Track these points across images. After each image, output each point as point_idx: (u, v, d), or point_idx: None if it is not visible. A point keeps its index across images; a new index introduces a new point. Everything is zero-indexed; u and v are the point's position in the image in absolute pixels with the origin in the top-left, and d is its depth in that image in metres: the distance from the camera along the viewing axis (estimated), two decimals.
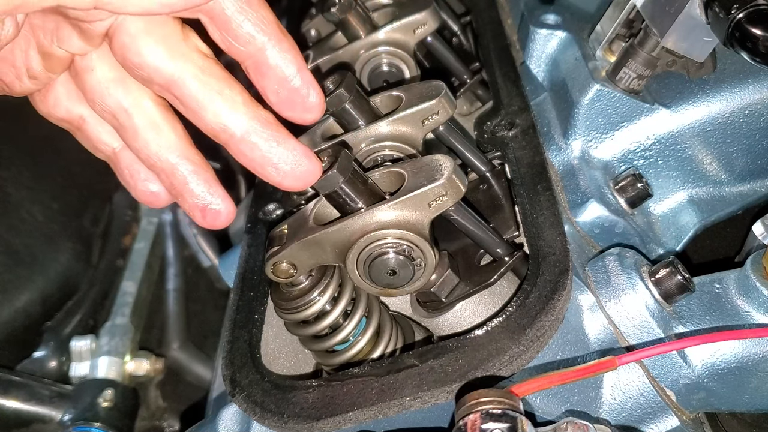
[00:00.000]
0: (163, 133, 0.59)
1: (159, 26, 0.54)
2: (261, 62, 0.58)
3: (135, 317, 1.39)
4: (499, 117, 0.86)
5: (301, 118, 0.60)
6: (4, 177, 1.32)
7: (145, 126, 0.59)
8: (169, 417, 1.37)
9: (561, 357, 0.68)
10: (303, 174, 0.59)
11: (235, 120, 0.56)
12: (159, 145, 0.59)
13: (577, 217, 0.82)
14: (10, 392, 1.18)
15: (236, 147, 0.57)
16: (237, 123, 0.56)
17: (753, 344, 0.67)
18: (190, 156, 0.60)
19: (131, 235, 1.54)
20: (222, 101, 0.56)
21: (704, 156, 0.88)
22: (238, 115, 0.56)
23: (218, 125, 0.56)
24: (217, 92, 0.55)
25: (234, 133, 0.57)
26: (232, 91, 0.56)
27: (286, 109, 0.60)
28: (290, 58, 0.58)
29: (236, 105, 0.56)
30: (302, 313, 0.69)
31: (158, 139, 0.59)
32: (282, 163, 0.58)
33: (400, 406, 0.61)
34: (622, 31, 0.89)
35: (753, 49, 0.68)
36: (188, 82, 0.55)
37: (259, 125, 0.57)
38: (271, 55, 0.57)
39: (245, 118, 0.56)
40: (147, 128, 0.59)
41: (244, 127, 0.56)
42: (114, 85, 0.58)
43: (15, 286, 1.27)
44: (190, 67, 0.54)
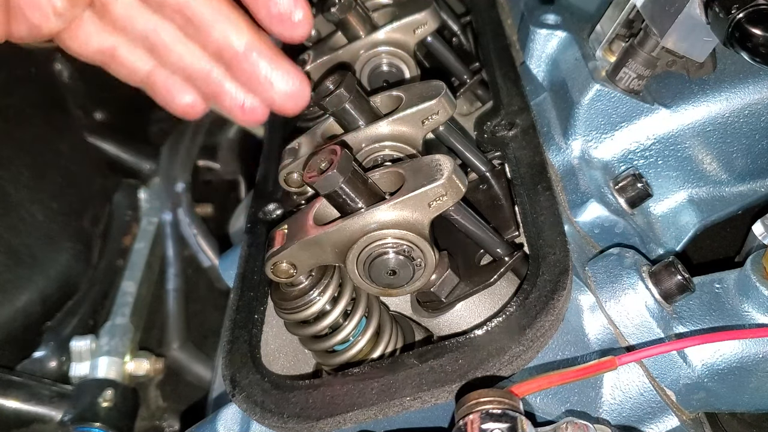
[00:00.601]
0: (190, 43, 0.66)
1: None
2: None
3: (135, 317, 1.39)
4: (499, 117, 0.86)
5: (291, 35, 0.66)
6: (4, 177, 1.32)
7: (173, 40, 0.66)
8: (169, 417, 1.37)
9: (561, 357, 0.68)
10: (294, 95, 0.66)
11: (239, 38, 0.63)
12: (192, 55, 0.66)
13: (577, 217, 0.82)
14: (10, 392, 1.18)
15: (238, 65, 0.64)
16: (241, 41, 0.63)
17: (753, 344, 0.67)
18: (221, 61, 0.67)
19: (131, 235, 1.54)
20: (228, 22, 0.63)
21: (704, 156, 0.88)
22: (242, 34, 0.63)
23: (224, 42, 0.63)
24: (224, 15, 0.62)
25: (237, 50, 0.63)
26: (237, 15, 0.63)
27: (275, 27, 0.66)
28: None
29: (240, 26, 0.63)
30: (302, 313, 0.69)
31: (188, 50, 0.66)
32: (276, 82, 0.65)
33: (400, 406, 0.61)
34: (622, 31, 0.89)
35: (753, 49, 0.68)
36: (199, 5, 0.61)
37: (259, 44, 0.64)
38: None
39: (248, 37, 0.63)
40: (176, 42, 0.66)
41: (247, 44, 0.63)
42: (137, 10, 0.64)
43: (15, 286, 1.27)
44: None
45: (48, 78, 1.56)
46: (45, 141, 1.45)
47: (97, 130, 1.63)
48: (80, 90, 1.61)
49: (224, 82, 0.68)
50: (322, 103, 0.74)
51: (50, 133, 1.48)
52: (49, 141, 1.47)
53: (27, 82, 1.48)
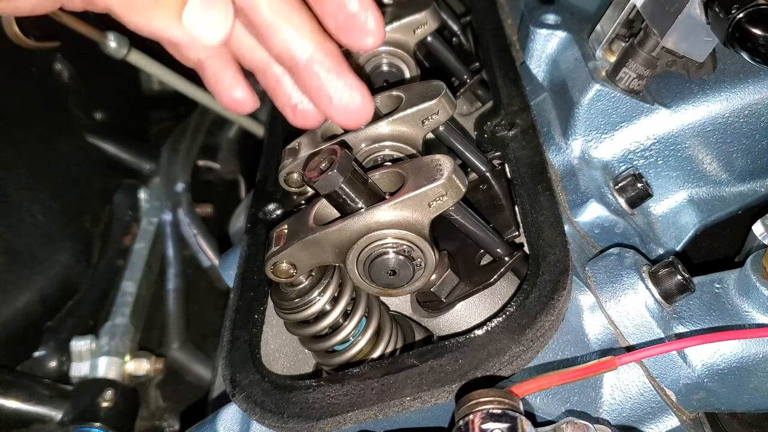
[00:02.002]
0: (249, 39, 0.62)
1: None
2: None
3: (135, 317, 1.39)
4: (499, 117, 0.86)
5: (360, 44, 0.61)
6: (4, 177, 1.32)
7: (237, 29, 0.61)
8: (169, 417, 1.38)
9: (561, 357, 0.68)
10: (355, 111, 0.61)
11: (300, 47, 0.58)
12: (252, 46, 0.62)
13: (577, 217, 0.82)
14: (10, 392, 1.18)
15: (298, 73, 0.59)
16: (302, 50, 0.58)
17: (753, 344, 0.67)
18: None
19: (131, 235, 1.54)
20: (290, 28, 0.57)
21: (704, 156, 0.88)
22: (304, 43, 0.58)
23: (285, 50, 0.58)
24: (287, 19, 0.57)
25: (299, 60, 0.58)
26: (301, 19, 0.57)
27: (344, 35, 0.62)
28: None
29: (303, 32, 0.58)
30: (302, 313, 0.69)
31: (250, 40, 0.62)
32: (337, 97, 0.60)
33: (400, 406, 0.61)
34: (622, 31, 0.89)
35: (753, 49, 0.68)
36: (260, 7, 0.56)
37: (323, 55, 0.58)
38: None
39: (310, 46, 0.58)
40: (239, 30, 0.61)
41: (308, 54, 0.58)
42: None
43: (15, 286, 1.27)
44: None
45: (48, 78, 1.56)
46: (45, 141, 1.45)
47: (97, 130, 1.63)
48: (80, 90, 1.61)
49: (282, 78, 0.64)
50: None
51: (50, 133, 1.48)
52: (49, 141, 1.47)
53: (27, 82, 1.48)
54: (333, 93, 0.59)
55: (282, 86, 0.64)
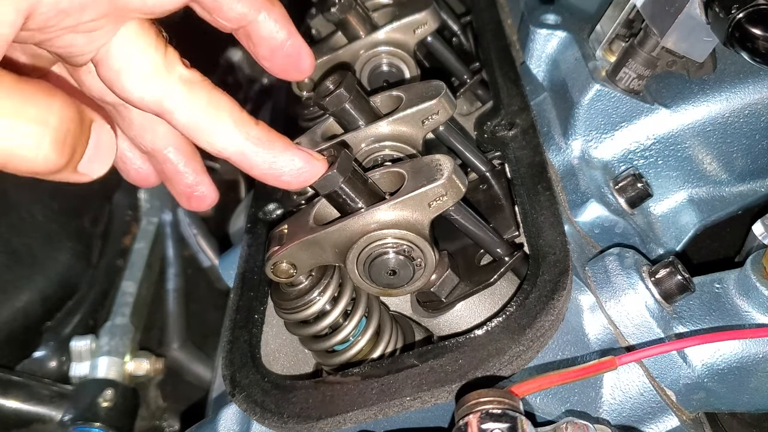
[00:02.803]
0: (156, 127, 0.63)
1: (141, 60, 0.53)
2: (252, 32, 0.61)
3: (135, 317, 1.39)
4: (499, 117, 0.86)
5: (295, 78, 0.65)
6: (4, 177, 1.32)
7: (139, 121, 0.63)
8: (169, 417, 1.37)
9: (561, 357, 0.68)
10: (306, 178, 0.60)
11: (228, 143, 0.56)
12: (153, 138, 0.64)
13: (577, 217, 0.82)
14: (10, 392, 1.18)
15: (237, 164, 0.58)
16: (231, 146, 0.56)
17: (753, 344, 0.67)
18: (182, 147, 0.65)
19: (131, 235, 1.54)
20: (213, 128, 0.56)
21: (704, 156, 0.88)
22: (231, 139, 0.56)
23: (214, 150, 0.57)
24: (206, 120, 0.55)
25: (230, 155, 0.57)
26: (221, 114, 0.56)
27: (280, 73, 0.64)
28: (281, 26, 0.61)
29: (228, 129, 0.56)
30: (302, 313, 0.69)
31: (153, 133, 0.63)
32: (284, 175, 0.59)
33: (400, 406, 0.61)
34: (622, 31, 0.89)
35: (753, 49, 0.68)
36: (176, 113, 0.55)
37: (253, 145, 0.57)
38: (262, 25, 0.60)
39: (239, 140, 0.56)
40: (142, 123, 0.63)
41: (239, 148, 0.57)
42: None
43: (15, 286, 1.27)
44: (177, 99, 0.54)
45: None
46: None
47: None
48: None
49: (181, 169, 0.66)
50: (322, 103, 0.74)
51: None
52: None
53: None
54: (279, 172, 0.58)
55: (180, 175, 0.66)
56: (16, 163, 0.45)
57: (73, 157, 0.48)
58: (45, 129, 0.45)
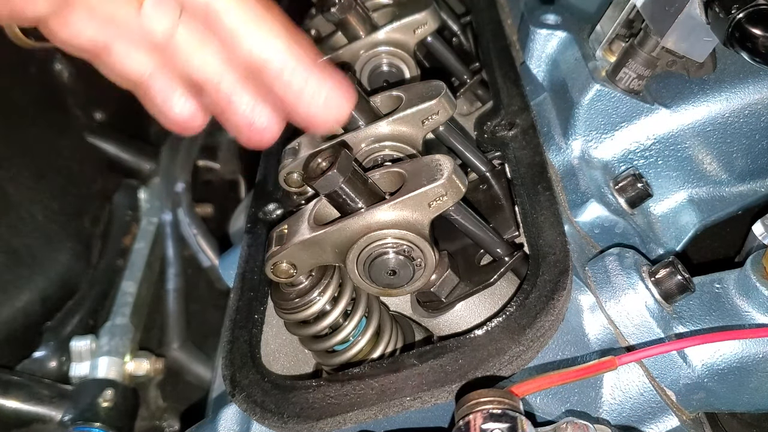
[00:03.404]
0: (206, 48, 0.57)
1: None
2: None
3: (135, 317, 1.39)
4: (499, 117, 0.86)
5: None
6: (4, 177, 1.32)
7: (186, 42, 0.56)
8: (169, 417, 1.37)
9: (561, 357, 0.68)
10: (338, 108, 0.58)
11: (270, 54, 0.54)
12: (203, 60, 0.57)
13: (577, 217, 0.82)
14: (10, 392, 1.18)
15: (270, 80, 0.56)
16: (273, 57, 0.54)
17: (753, 344, 0.67)
18: (234, 72, 0.58)
19: (131, 235, 1.54)
20: (258, 34, 0.53)
21: (704, 156, 0.88)
22: (274, 50, 0.54)
23: (258, 58, 0.54)
24: (254, 23, 0.53)
25: (270, 67, 0.54)
26: (268, 21, 0.53)
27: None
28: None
29: (272, 38, 0.53)
30: (302, 313, 0.69)
31: (201, 54, 0.57)
32: (314, 101, 0.57)
33: (400, 406, 0.61)
34: (622, 31, 0.89)
35: (753, 49, 0.68)
36: (222, 13, 0.52)
37: (294, 60, 0.54)
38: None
39: (281, 51, 0.54)
40: (189, 43, 0.57)
41: (279, 62, 0.54)
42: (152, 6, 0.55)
43: (15, 286, 1.27)
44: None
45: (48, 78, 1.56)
46: (45, 141, 1.45)
47: (97, 130, 1.63)
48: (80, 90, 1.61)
49: (235, 93, 0.58)
50: None
51: (50, 133, 1.48)
52: (49, 141, 1.47)
53: (27, 82, 1.48)
54: (310, 98, 0.56)
55: (234, 103, 0.59)
56: None
57: None
58: None
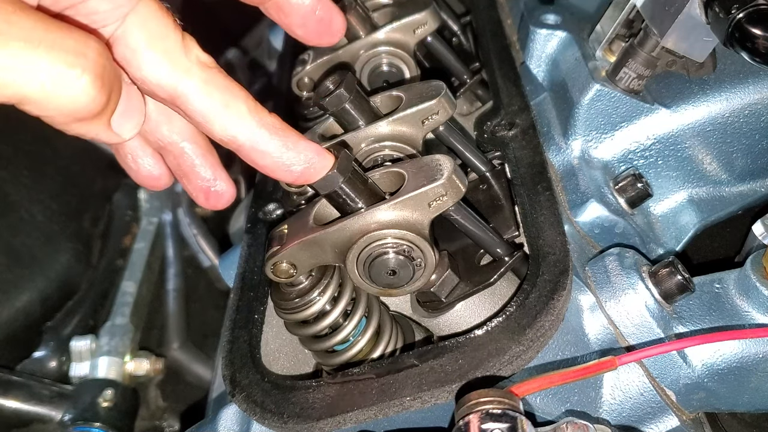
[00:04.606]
0: (173, 118, 0.61)
1: (159, 40, 0.53)
2: (282, 3, 0.62)
3: (135, 317, 1.39)
4: (499, 117, 0.86)
5: (328, 43, 0.68)
6: (4, 177, 1.32)
7: (155, 111, 0.60)
8: (169, 417, 1.37)
9: (561, 357, 0.68)
10: (316, 171, 0.60)
11: (242, 130, 0.56)
12: (169, 130, 0.61)
13: (577, 217, 0.82)
14: (10, 392, 1.18)
15: (247, 155, 0.57)
16: (245, 133, 0.56)
17: (753, 344, 0.67)
18: (198, 140, 0.63)
19: (131, 235, 1.54)
20: (228, 113, 0.55)
21: (704, 156, 0.88)
22: (246, 126, 0.55)
23: (227, 137, 0.56)
24: (222, 105, 0.55)
25: (243, 143, 0.56)
26: (236, 101, 0.55)
27: (314, 39, 0.66)
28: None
29: (242, 115, 0.55)
30: (302, 313, 0.69)
31: (169, 125, 0.61)
32: (294, 166, 0.58)
33: (400, 406, 0.61)
34: (622, 31, 0.89)
35: (753, 49, 0.68)
36: (191, 97, 0.54)
37: (267, 133, 0.56)
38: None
39: (253, 127, 0.56)
40: (158, 113, 0.61)
41: (252, 136, 0.56)
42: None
43: (15, 286, 1.27)
44: (193, 82, 0.54)
45: None
46: (45, 141, 1.45)
47: None
48: None
49: (196, 163, 0.63)
50: (322, 103, 0.74)
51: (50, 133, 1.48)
52: (49, 141, 1.47)
53: None
54: (289, 164, 0.58)
55: (195, 170, 0.63)
56: (57, 100, 0.44)
57: (110, 98, 0.46)
58: (85, 61, 0.44)
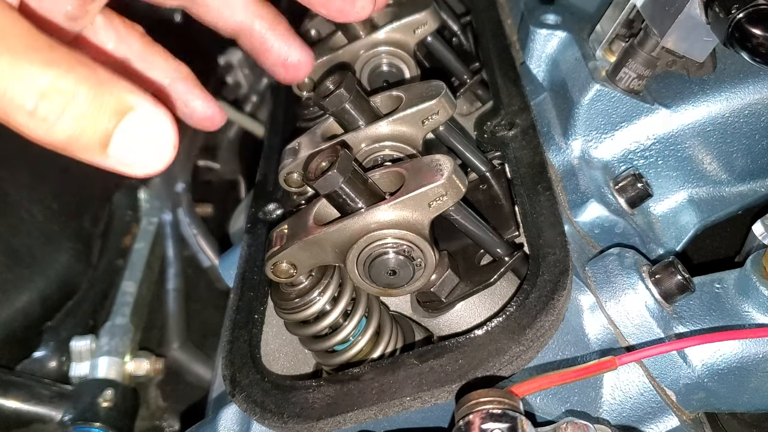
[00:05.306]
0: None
1: None
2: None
3: (135, 317, 1.39)
4: (499, 117, 0.86)
5: (354, 20, 0.73)
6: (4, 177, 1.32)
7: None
8: (169, 417, 1.37)
9: (561, 357, 0.68)
10: (297, 64, 0.72)
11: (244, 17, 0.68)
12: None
13: (577, 217, 0.82)
14: (10, 392, 1.17)
15: (246, 40, 0.69)
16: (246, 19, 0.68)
17: (753, 344, 0.67)
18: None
19: (131, 235, 1.54)
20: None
21: (704, 156, 0.88)
22: (247, 13, 0.68)
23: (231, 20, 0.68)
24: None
25: (243, 29, 0.69)
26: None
27: (337, 17, 0.71)
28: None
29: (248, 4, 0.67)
30: (302, 313, 0.69)
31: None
32: (285, 57, 0.70)
33: (400, 406, 0.61)
34: (622, 31, 0.89)
35: (753, 49, 0.68)
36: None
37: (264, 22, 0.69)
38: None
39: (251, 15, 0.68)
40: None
41: (249, 22, 0.68)
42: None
43: (15, 286, 1.27)
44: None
45: None
46: None
47: None
48: None
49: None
50: (322, 103, 0.74)
51: None
52: None
53: None
54: (278, 54, 0.71)
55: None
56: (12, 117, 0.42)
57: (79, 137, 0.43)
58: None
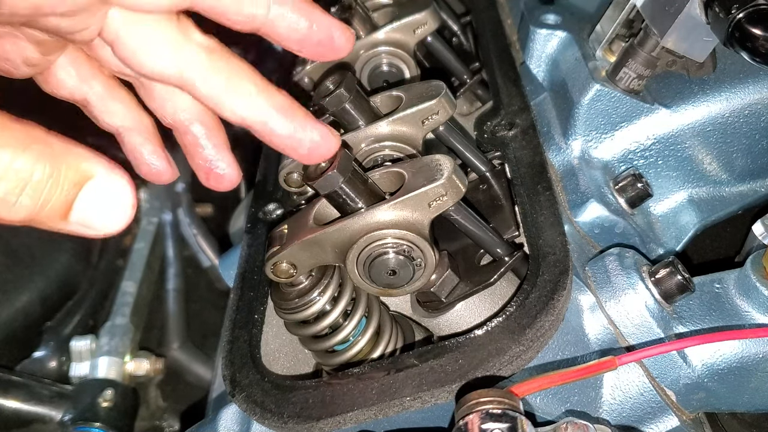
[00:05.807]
0: (176, 97, 0.60)
1: (155, 30, 0.52)
2: (273, 28, 0.57)
3: (135, 317, 1.39)
4: (499, 117, 0.86)
5: (336, 58, 0.61)
6: None
7: (161, 89, 0.59)
8: (169, 417, 1.37)
9: (561, 357, 0.68)
10: (324, 152, 0.60)
11: (252, 111, 0.56)
12: (175, 109, 0.60)
13: (577, 217, 0.82)
14: (10, 392, 1.18)
15: (258, 133, 0.58)
16: (255, 114, 0.56)
17: (753, 344, 0.67)
18: (204, 119, 0.62)
19: (131, 235, 1.54)
20: (236, 96, 0.55)
21: (704, 156, 0.88)
22: (255, 107, 0.56)
23: (236, 118, 0.56)
24: (229, 88, 0.55)
25: (253, 123, 0.57)
26: (242, 81, 0.55)
27: (318, 57, 0.61)
28: (300, 14, 0.57)
29: (251, 97, 0.55)
30: (302, 313, 0.69)
31: (174, 101, 0.60)
32: (302, 147, 0.59)
33: (400, 406, 0.61)
34: (622, 31, 0.89)
35: (753, 49, 0.68)
36: (197, 83, 0.54)
37: (276, 112, 0.56)
38: (279, 19, 0.57)
39: (263, 107, 0.56)
40: (163, 90, 0.60)
41: (262, 116, 0.56)
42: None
43: (15, 286, 1.27)
44: (197, 68, 0.54)
45: None
46: None
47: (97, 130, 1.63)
48: None
49: (201, 140, 0.62)
50: (322, 103, 0.74)
51: None
52: None
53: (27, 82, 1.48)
54: (298, 144, 0.58)
55: (200, 149, 0.63)
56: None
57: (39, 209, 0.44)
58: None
